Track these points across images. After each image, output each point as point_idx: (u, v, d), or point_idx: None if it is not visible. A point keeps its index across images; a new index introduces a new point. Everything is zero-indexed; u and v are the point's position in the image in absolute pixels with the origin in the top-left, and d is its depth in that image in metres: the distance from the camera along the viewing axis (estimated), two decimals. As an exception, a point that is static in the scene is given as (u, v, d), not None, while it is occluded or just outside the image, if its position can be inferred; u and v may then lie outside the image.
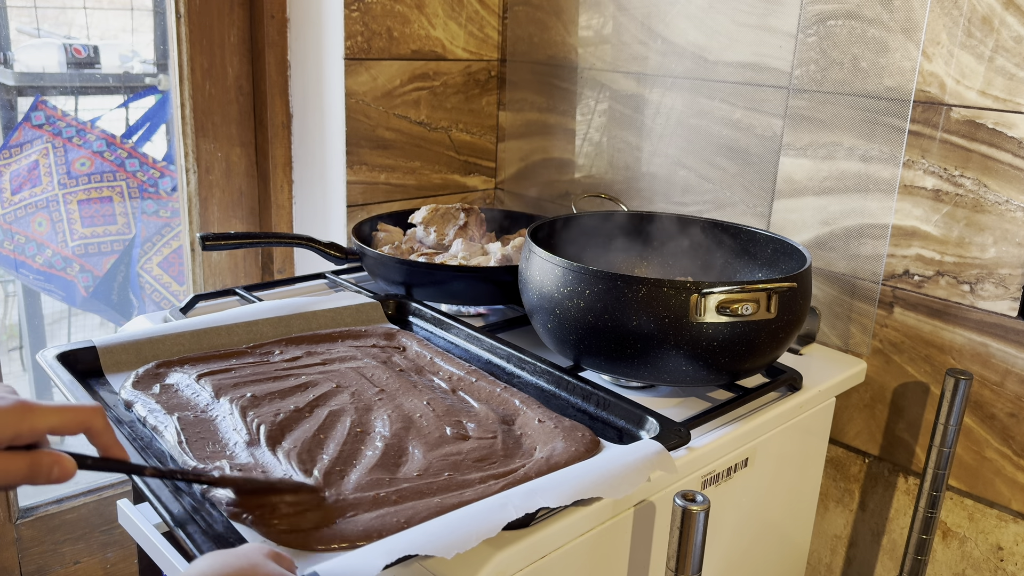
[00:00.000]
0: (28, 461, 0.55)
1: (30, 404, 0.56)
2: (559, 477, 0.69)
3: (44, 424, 0.56)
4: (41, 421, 0.56)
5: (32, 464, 0.55)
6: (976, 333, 1.03)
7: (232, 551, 0.55)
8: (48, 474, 0.56)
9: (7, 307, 1.68)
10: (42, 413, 0.56)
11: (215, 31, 1.39)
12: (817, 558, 1.25)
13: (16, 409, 0.55)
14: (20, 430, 0.54)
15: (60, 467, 0.56)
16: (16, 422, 0.54)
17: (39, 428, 0.55)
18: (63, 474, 0.56)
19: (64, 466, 0.56)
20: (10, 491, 0.70)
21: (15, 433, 0.54)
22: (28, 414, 0.55)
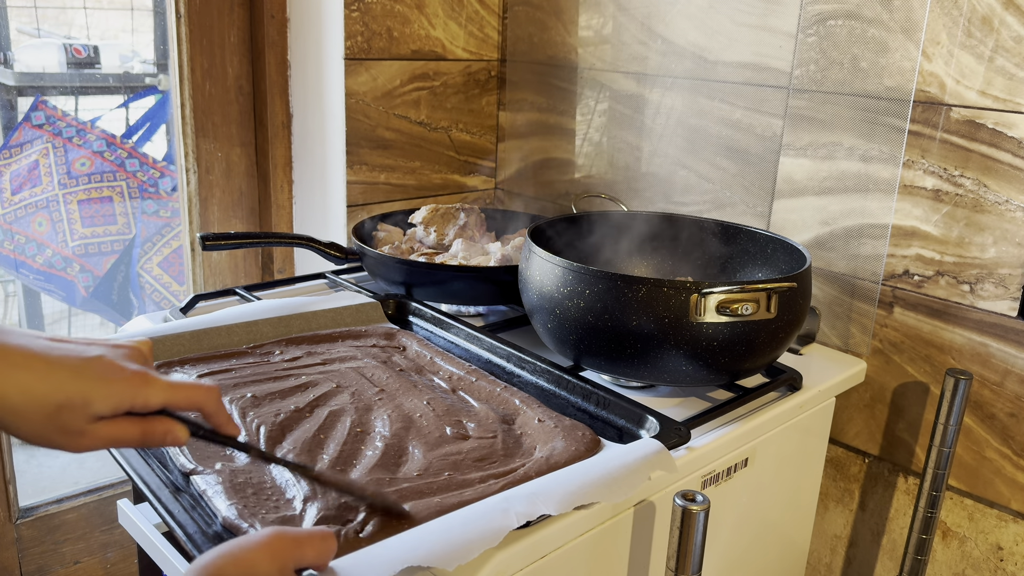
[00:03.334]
0: (141, 428, 0.57)
1: (149, 377, 0.57)
2: (560, 479, 0.69)
3: (157, 399, 0.57)
4: (155, 396, 0.57)
5: (145, 431, 0.57)
6: (976, 333, 1.03)
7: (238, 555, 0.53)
8: (161, 440, 0.58)
9: (7, 307, 1.68)
10: (158, 388, 0.57)
11: (215, 31, 1.39)
12: (817, 558, 1.25)
13: (134, 380, 0.56)
14: (135, 403, 0.56)
15: (172, 435, 0.58)
16: (131, 395, 0.56)
17: (152, 403, 0.57)
18: (175, 441, 0.59)
19: (176, 434, 0.59)
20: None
21: (130, 405, 0.56)
22: (144, 387, 0.56)
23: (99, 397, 0.54)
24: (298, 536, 0.55)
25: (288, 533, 0.55)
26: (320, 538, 0.56)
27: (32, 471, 1.55)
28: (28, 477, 1.51)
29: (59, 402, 0.53)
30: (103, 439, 0.56)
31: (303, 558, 0.55)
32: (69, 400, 0.53)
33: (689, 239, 1.14)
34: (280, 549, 0.54)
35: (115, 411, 0.55)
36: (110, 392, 0.55)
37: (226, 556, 0.52)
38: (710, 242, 1.13)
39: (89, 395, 0.54)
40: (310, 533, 0.56)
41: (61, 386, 0.53)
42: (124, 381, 0.56)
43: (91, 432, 0.55)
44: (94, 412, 0.54)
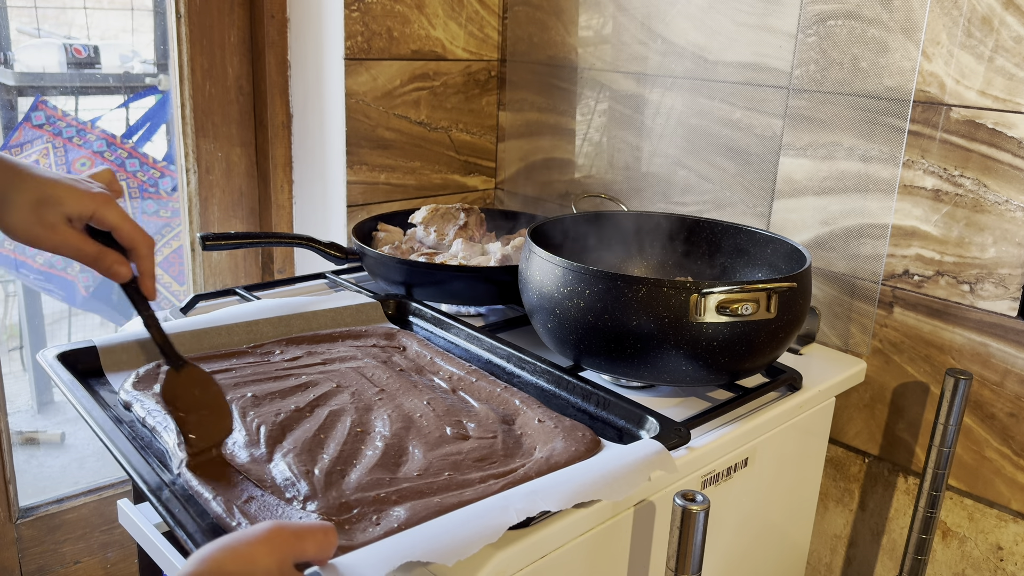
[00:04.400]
0: (98, 249, 0.71)
1: (110, 199, 0.71)
2: (560, 478, 0.69)
3: (112, 217, 0.71)
4: (110, 215, 0.71)
5: (100, 253, 0.71)
6: (976, 333, 1.03)
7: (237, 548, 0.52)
8: (107, 267, 0.71)
9: (7, 307, 1.68)
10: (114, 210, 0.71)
11: (215, 31, 1.39)
12: (817, 558, 1.25)
13: (98, 196, 0.70)
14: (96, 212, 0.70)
15: (119, 267, 0.71)
16: (95, 206, 0.70)
17: (107, 218, 0.70)
18: (118, 274, 0.71)
19: (121, 270, 0.72)
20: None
21: (92, 212, 0.70)
22: (105, 204, 0.70)
23: (71, 199, 0.69)
24: (298, 530, 0.55)
25: (288, 527, 0.55)
26: (321, 532, 0.56)
27: (32, 471, 1.55)
28: (28, 477, 1.51)
29: (40, 197, 0.68)
30: (70, 240, 0.70)
31: (303, 552, 0.55)
32: (48, 196, 0.69)
33: (689, 239, 1.14)
34: (280, 543, 0.53)
35: (81, 215, 0.70)
36: (80, 197, 0.69)
37: (225, 549, 0.52)
38: (709, 242, 1.13)
39: (63, 196, 0.69)
40: (311, 527, 0.56)
41: (42, 186, 0.69)
42: (90, 194, 0.70)
43: (62, 230, 0.69)
44: (66, 211, 0.69)
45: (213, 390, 0.73)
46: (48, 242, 0.69)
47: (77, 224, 0.71)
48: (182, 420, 0.70)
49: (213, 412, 0.72)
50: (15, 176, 0.69)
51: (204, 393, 0.73)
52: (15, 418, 1.56)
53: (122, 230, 0.71)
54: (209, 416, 0.71)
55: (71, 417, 1.67)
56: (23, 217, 0.68)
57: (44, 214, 0.69)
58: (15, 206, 0.68)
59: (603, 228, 1.14)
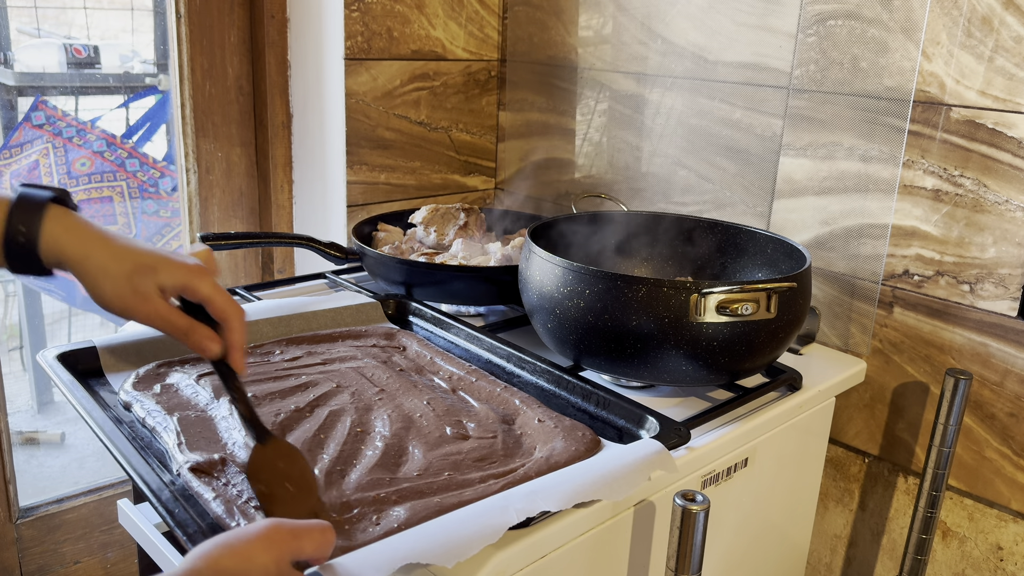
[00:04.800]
0: (189, 323, 0.70)
1: (204, 270, 0.70)
2: (559, 478, 0.69)
3: (206, 289, 0.70)
4: (205, 286, 0.70)
5: (191, 327, 0.70)
6: (976, 333, 1.03)
7: (235, 546, 0.53)
8: (198, 342, 0.70)
9: (7, 307, 1.68)
10: (209, 282, 0.70)
11: (215, 31, 1.39)
12: (817, 558, 1.25)
13: (193, 268, 0.70)
14: (189, 283, 0.69)
15: (209, 342, 0.70)
16: (189, 276, 0.69)
17: (201, 291, 0.69)
18: (210, 350, 0.70)
19: (212, 346, 0.70)
20: None
21: (185, 284, 0.69)
22: (199, 275, 0.70)
23: (165, 269, 0.68)
24: (296, 528, 0.55)
25: (286, 525, 0.55)
26: (319, 531, 0.56)
27: (32, 471, 1.55)
28: (28, 477, 1.51)
29: (137, 263, 0.68)
30: (162, 312, 0.69)
31: (301, 550, 0.55)
32: (144, 265, 0.68)
33: (689, 239, 1.14)
34: (278, 541, 0.54)
35: (175, 285, 0.69)
36: (174, 268, 0.69)
37: (223, 547, 0.52)
38: (710, 242, 1.13)
39: (158, 266, 0.68)
40: (309, 526, 0.56)
41: (139, 255, 0.69)
42: (185, 266, 0.70)
43: (155, 300, 0.68)
44: (160, 281, 0.68)
45: (300, 465, 0.69)
46: (140, 312, 0.68)
47: (169, 295, 0.70)
48: (263, 495, 0.66)
49: (299, 489, 0.67)
50: (112, 245, 0.68)
51: (290, 467, 0.68)
52: (15, 418, 1.56)
53: (215, 303, 0.70)
54: (295, 493, 0.67)
55: (71, 417, 1.67)
56: (118, 286, 0.67)
57: (138, 283, 0.68)
58: (110, 275, 0.67)
59: (603, 228, 1.14)
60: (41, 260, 0.67)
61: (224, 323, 0.71)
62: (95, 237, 0.68)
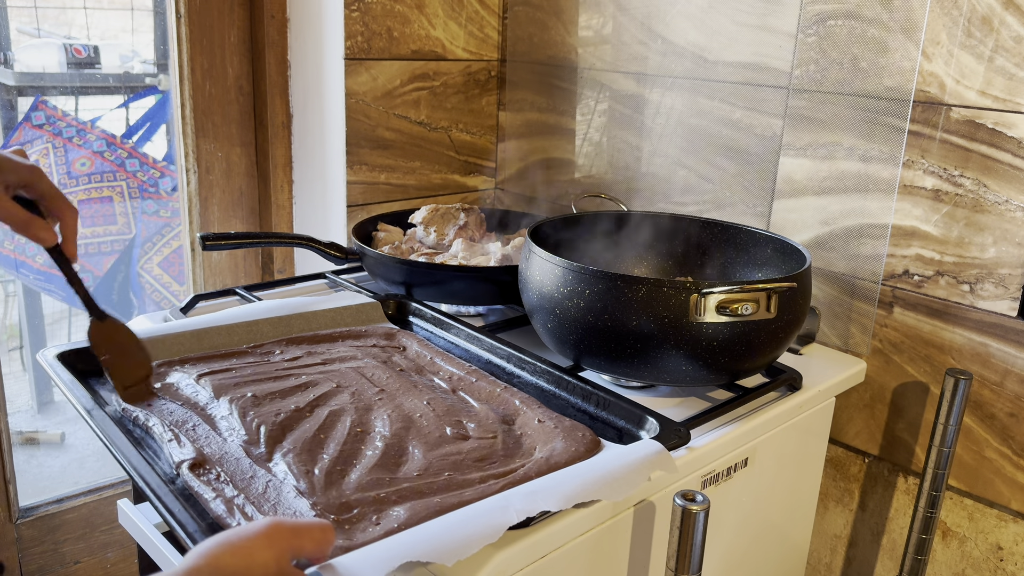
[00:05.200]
0: (28, 216, 0.78)
1: (42, 171, 0.78)
2: (559, 478, 0.69)
3: (44, 185, 0.78)
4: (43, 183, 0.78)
5: (30, 220, 0.78)
6: (976, 333, 1.03)
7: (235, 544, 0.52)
8: (36, 234, 0.78)
9: (7, 307, 1.68)
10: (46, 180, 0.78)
11: (215, 31, 1.39)
12: (817, 558, 1.25)
13: (33, 168, 0.78)
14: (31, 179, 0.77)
15: (45, 234, 0.79)
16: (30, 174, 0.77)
17: (40, 187, 0.78)
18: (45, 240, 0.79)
19: (48, 237, 0.79)
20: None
21: (27, 181, 0.77)
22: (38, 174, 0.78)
23: (9, 168, 0.76)
24: (297, 526, 0.55)
25: (287, 523, 0.55)
26: (319, 529, 0.56)
27: (32, 471, 1.55)
28: (28, 477, 1.51)
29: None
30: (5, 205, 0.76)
31: (301, 548, 0.55)
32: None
33: (689, 239, 1.14)
34: (278, 539, 0.54)
35: (18, 182, 0.77)
36: (17, 166, 0.77)
37: (224, 545, 0.52)
38: (710, 242, 1.13)
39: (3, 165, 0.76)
40: (309, 524, 0.56)
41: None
42: (27, 165, 0.78)
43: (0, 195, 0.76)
44: (5, 178, 0.76)
45: (132, 338, 0.84)
46: None
47: (11, 191, 0.78)
48: (107, 363, 0.82)
49: (133, 354, 0.84)
50: None
51: (125, 339, 0.84)
52: (15, 418, 1.56)
53: (52, 198, 0.79)
54: (131, 358, 0.83)
55: (71, 417, 1.67)
56: None
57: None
58: None
59: (603, 228, 1.14)
60: None
61: (59, 216, 0.80)
62: None
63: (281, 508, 0.67)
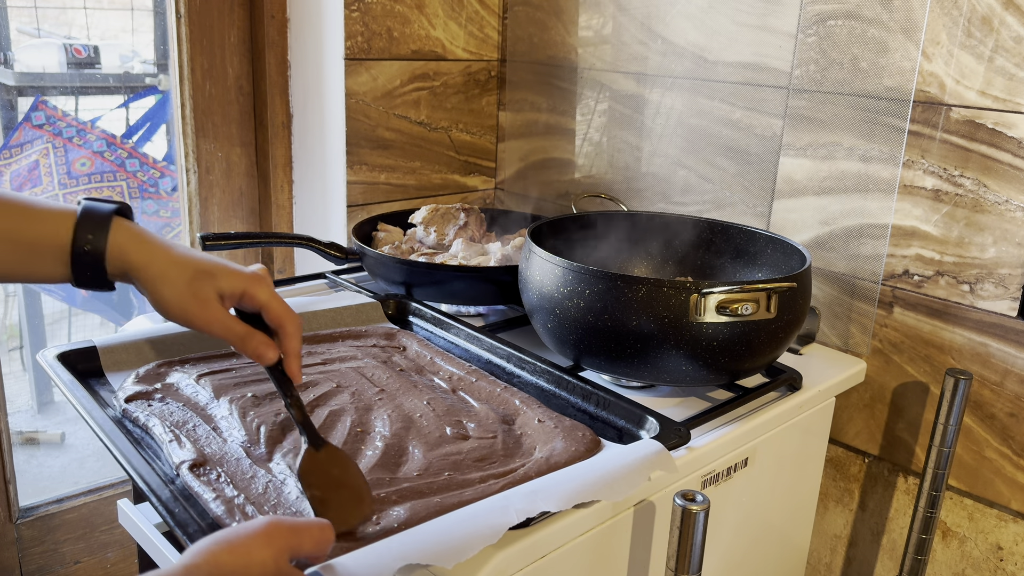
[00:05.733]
0: (246, 329, 0.71)
1: (263, 278, 0.72)
2: (560, 478, 0.69)
3: (264, 295, 0.71)
4: (263, 293, 0.71)
5: (248, 333, 0.71)
6: (976, 333, 1.03)
7: (234, 542, 0.52)
8: (255, 348, 0.71)
9: (7, 307, 1.68)
10: (267, 288, 0.71)
11: (215, 31, 1.39)
12: (817, 558, 1.25)
13: (252, 276, 0.71)
14: (247, 289, 0.70)
15: (265, 348, 0.71)
16: (247, 283, 0.71)
17: (259, 297, 0.71)
18: (265, 356, 0.71)
19: (268, 352, 0.71)
20: None
21: (243, 290, 0.70)
22: (258, 282, 0.71)
23: (225, 275, 0.70)
24: (295, 525, 0.55)
25: (285, 522, 0.55)
26: (318, 528, 0.56)
27: (32, 471, 1.55)
28: (28, 477, 1.51)
29: (197, 270, 0.69)
30: (220, 317, 0.70)
31: (300, 547, 0.55)
32: (204, 271, 0.69)
33: (689, 239, 1.14)
34: (277, 537, 0.54)
35: (234, 291, 0.70)
36: (233, 275, 0.70)
37: (222, 543, 0.52)
38: (710, 242, 1.13)
39: (218, 272, 0.70)
40: (308, 523, 0.56)
41: (199, 262, 0.70)
42: (244, 273, 0.71)
43: (214, 306, 0.69)
44: (220, 287, 0.69)
45: (353, 472, 0.69)
46: (199, 318, 0.69)
47: (228, 302, 0.71)
48: (317, 500, 0.65)
49: (352, 494, 0.67)
50: (173, 253, 0.69)
51: (344, 474, 0.68)
52: (15, 418, 1.56)
53: (271, 309, 0.71)
54: (348, 498, 0.66)
55: (71, 417, 1.67)
56: (178, 292, 0.68)
57: (198, 289, 0.69)
58: (171, 281, 0.68)
59: (603, 228, 1.14)
60: (106, 271, 0.68)
61: (280, 330, 0.72)
62: (157, 246, 0.69)
63: (281, 508, 0.67)
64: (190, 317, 0.69)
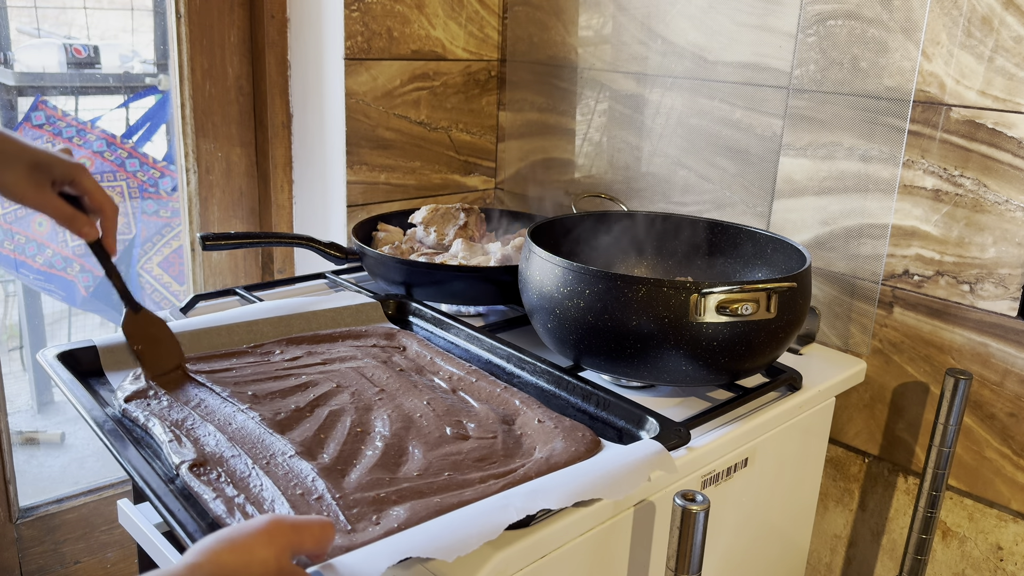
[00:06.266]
0: (73, 212, 0.82)
1: (86, 168, 0.82)
2: (560, 477, 0.69)
3: (88, 182, 0.82)
4: (87, 180, 0.82)
5: (74, 215, 0.83)
6: (976, 333, 1.03)
7: (235, 540, 0.52)
8: (80, 228, 0.83)
9: (7, 307, 1.68)
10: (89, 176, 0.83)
11: (215, 31, 1.39)
12: (817, 558, 1.25)
13: (78, 165, 0.82)
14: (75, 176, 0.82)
15: (90, 228, 0.84)
16: (74, 171, 0.82)
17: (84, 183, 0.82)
18: (88, 235, 0.84)
19: (91, 232, 0.84)
20: None
21: (72, 177, 0.82)
22: (82, 171, 0.82)
23: (58, 165, 0.81)
24: (297, 523, 0.55)
25: (287, 520, 0.55)
26: (319, 527, 0.56)
27: (32, 471, 1.55)
28: (28, 477, 1.51)
29: (34, 161, 0.80)
30: (51, 202, 0.81)
31: (301, 545, 0.55)
32: (41, 161, 0.80)
33: (689, 239, 1.14)
34: (278, 535, 0.54)
35: (64, 179, 0.81)
36: (64, 164, 0.81)
37: (224, 541, 0.52)
38: (710, 242, 1.13)
39: (53, 163, 0.81)
40: (309, 521, 0.56)
41: (36, 153, 0.81)
42: (73, 163, 0.82)
43: (47, 192, 0.81)
44: (54, 175, 0.81)
45: (164, 330, 0.89)
46: (33, 200, 0.81)
47: (57, 187, 0.82)
48: (139, 352, 0.86)
49: (165, 345, 0.88)
50: (13, 143, 0.80)
51: (158, 331, 0.89)
52: (15, 418, 1.56)
53: (95, 195, 0.83)
54: (162, 348, 0.87)
55: (71, 417, 1.67)
56: (18, 177, 0.80)
57: (36, 176, 0.80)
58: (12, 168, 0.79)
59: (603, 228, 1.14)
60: None
61: (100, 211, 0.84)
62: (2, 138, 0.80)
63: (279, 503, 0.67)
64: (24, 199, 0.81)
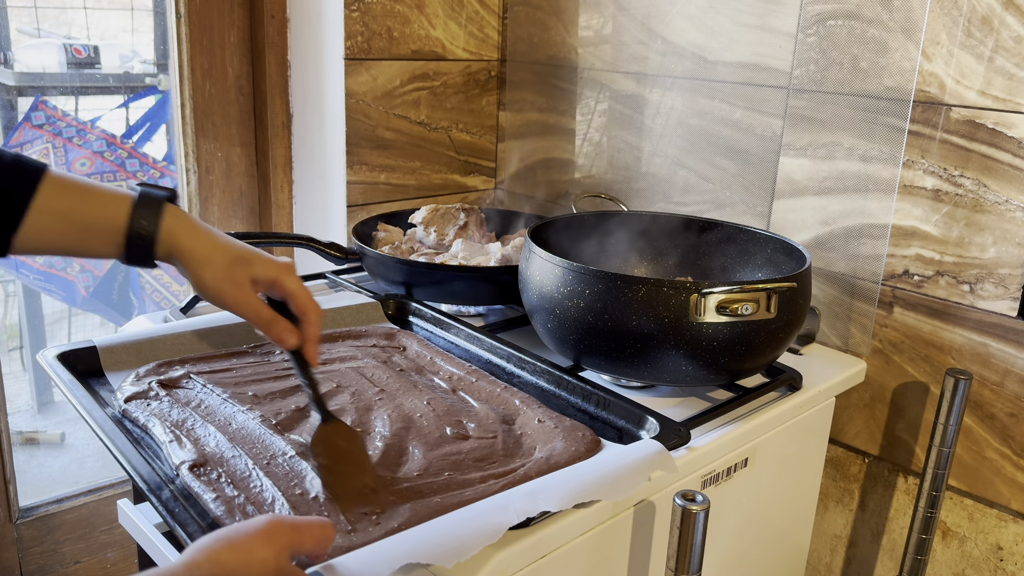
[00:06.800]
0: (272, 315, 0.76)
1: (292, 268, 0.77)
2: (560, 478, 0.69)
3: (292, 284, 0.76)
4: (291, 282, 0.76)
5: (275, 318, 0.76)
6: (976, 333, 1.03)
7: (235, 540, 0.53)
8: (279, 332, 0.76)
9: (7, 307, 1.68)
10: (295, 279, 0.77)
11: (215, 31, 1.39)
12: (817, 558, 1.25)
13: (283, 265, 0.77)
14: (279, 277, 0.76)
15: (288, 334, 0.76)
16: (279, 272, 0.76)
17: (288, 286, 0.76)
18: (288, 340, 0.76)
19: (290, 337, 0.76)
20: None
21: (274, 278, 0.76)
22: (287, 272, 0.77)
23: (259, 263, 0.76)
24: (297, 524, 0.55)
25: (287, 520, 0.55)
26: (319, 527, 0.56)
27: (32, 471, 1.55)
28: (28, 477, 1.51)
29: (236, 256, 0.75)
30: (251, 301, 0.75)
31: (301, 545, 0.55)
32: (242, 257, 0.75)
33: (689, 239, 1.14)
34: (278, 535, 0.54)
35: (266, 278, 0.76)
36: (267, 263, 0.76)
37: (223, 541, 0.52)
38: (710, 242, 1.13)
39: (253, 259, 0.76)
40: (309, 522, 0.56)
41: (238, 249, 0.76)
42: (277, 262, 0.77)
43: (247, 290, 0.75)
44: (254, 273, 0.75)
45: (357, 446, 0.75)
46: (232, 299, 0.75)
47: (260, 288, 0.77)
48: (323, 468, 0.71)
49: (355, 466, 0.73)
50: (216, 239, 0.76)
51: (349, 447, 0.75)
52: (15, 418, 1.56)
53: (298, 298, 0.77)
54: (351, 469, 0.73)
55: (71, 417, 1.67)
56: (217, 275, 0.74)
57: (235, 273, 0.75)
58: (213, 265, 0.74)
59: (603, 228, 1.14)
60: (155, 252, 0.74)
61: (303, 317, 0.77)
62: (203, 232, 0.75)
63: (280, 504, 0.67)
64: (224, 298, 0.75)
